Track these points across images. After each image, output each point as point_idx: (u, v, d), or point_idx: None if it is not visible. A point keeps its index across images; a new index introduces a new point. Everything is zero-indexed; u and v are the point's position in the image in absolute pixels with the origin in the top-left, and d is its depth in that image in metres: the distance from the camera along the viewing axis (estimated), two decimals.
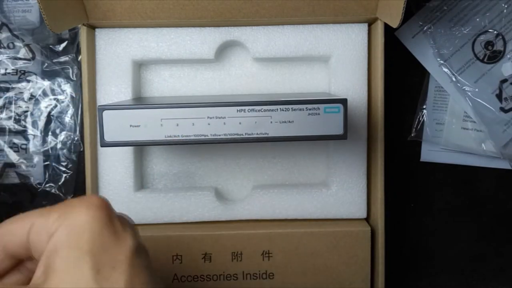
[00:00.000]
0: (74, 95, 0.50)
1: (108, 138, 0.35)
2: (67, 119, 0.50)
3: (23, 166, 0.50)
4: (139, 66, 0.47)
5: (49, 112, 0.50)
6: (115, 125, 0.35)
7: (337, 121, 0.35)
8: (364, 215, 0.46)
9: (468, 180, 0.51)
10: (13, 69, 0.49)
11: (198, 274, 0.44)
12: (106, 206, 0.24)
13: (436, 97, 0.50)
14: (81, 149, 0.50)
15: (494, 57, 0.49)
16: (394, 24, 0.39)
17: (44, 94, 0.50)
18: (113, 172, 0.45)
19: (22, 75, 0.50)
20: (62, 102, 0.50)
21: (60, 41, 0.49)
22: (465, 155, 0.50)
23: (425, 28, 0.49)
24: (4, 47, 0.49)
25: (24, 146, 0.50)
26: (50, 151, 0.50)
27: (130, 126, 0.35)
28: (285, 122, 0.35)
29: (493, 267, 0.52)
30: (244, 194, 0.48)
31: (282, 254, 0.44)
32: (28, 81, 0.50)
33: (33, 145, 0.50)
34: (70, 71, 0.50)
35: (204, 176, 0.48)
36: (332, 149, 0.46)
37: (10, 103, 0.50)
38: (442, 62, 0.49)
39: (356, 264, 0.44)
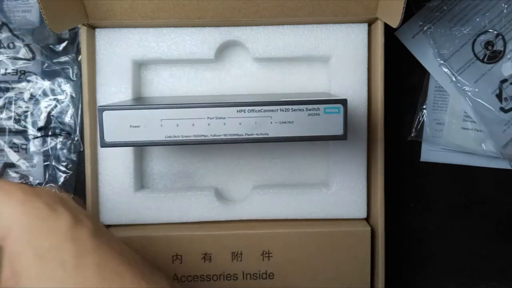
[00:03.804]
0: (74, 95, 0.50)
1: (108, 138, 0.35)
2: (67, 119, 0.50)
3: (23, 166, 0.50)
4: (139, 66, 0.47)
5: (49, 112, 0.50)
6: (115, 126, 0.35)
7: (337, 122, 0.35)
8: (364, 215, 0.47)
9: (468, 180, 0.51)
10: (13, 69, 0.49)
11: (198, 274, 0.44)
12: (25, 195, 0.25)
13: (436, 97, 0.50)
14: (81, 149, 0.50)
15: (494, 57, 0.49)
16: (394, 24, 0.39)
17: (44, 94, 0.50)
18: (113, 172, 0.45)
19: (22, 75, 0.50)
20: (62, 102, 0.50)
21: (60, 41, 0.49)
22: (465, 155, 0.50)
23: (425, 28, 0.49)
24: (4, 47, 0.49)
25: (24, 146, 0.50)
26: (50, 151, 0.50)
27: (130, 126, 0.35)
28: (285, 122, 0.35)
29: (493, 267, 0.52)
30: (244, 194, 0.48)
31: (282, 254, 0.44)
32: (28, 81, 0.50)
33: (33, 145, 0.50)
34: (70, 71, 0.50)
35: (204, 176, 0.48)
36: (332, 149, 0.46)
37: (10, 103, 0.50)
38: (442, 62, 0.49)
39: (356, 264, 0.44)
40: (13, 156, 0.50)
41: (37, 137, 0.48)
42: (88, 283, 0.24)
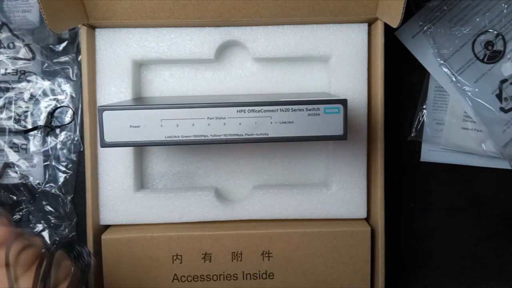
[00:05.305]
0: (74, 95, 0.50)
1: (108, 138, 0.35)
2: (67, 119, 0.50)
3: (23, 166, 0.50)
4: (139, 66, 0.47)
5: (49, 112, 0.50)
6: (115, 126, 0.35)
7: (337, 122, 0.35)
8: (364, 215, 0.47)
9: (468, 180, 0.51)
10: (13, 69, 0.49)
11: (198, 274, 0.44)
12: None
13: (436, 97, 0.50)
14: (81, 149, 0.50)
15: (494, 57, 0.49)
16: (394, 24, 0.39)
17: (44, 94, 0.50)
18: (113, 172, 0.45)
19: (22, 75, 0.50)
20: (62, 102, 0.50)
21: (60, 41, 0.49)
22: (465, 155, 0.50)
23: (425, 28, 0.49)
24: (4, 47, 0.49)
25: (24, 146, 0.50)
26: (50, 151, 0.50)
27: (130, 126, 0.35)
28: (285, 122, 0.35)
29: (493, 267, 0.52)
30: (244, 194, 0.48)
31: (282, 254, 0.44)
32: (28, 81, 0.50)
33: (33, 145, 0.50)
34: (70, 71, 0.50)
35: (204, 176, 0.48)
36: (332, 149, 0.46)
37: (10, 103, 0.50)
38: (442, 62, 0.49)
39: (356, 264, 0.44)
40: (13, 156, 0.50)
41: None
42: None
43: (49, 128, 0.49)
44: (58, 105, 0.50)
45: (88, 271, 0.32)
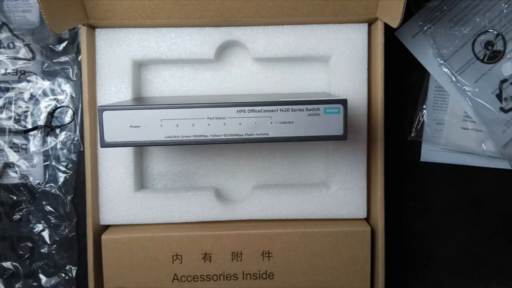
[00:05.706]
0: (74, 95, 0.50)
1: (108, 138, 0.35)
2: (67, 119, 0.50)
3: (23, 166, 0.50)
4: (139, 66, 0.47)
5: (49, 112, 0.50)
6: (115, 126, 0.35)
7: (337, 122, 0.35)
8: (364, 215, 0.47)
9: (468, 180, 0.51)
10: (13, 69, 0.49)
11: (198, 274, 0.44)
12: None
13: (436, 97, 0.50)
14: (81, 149, 0.50)
15: (494, 57, 0.49)
16: (394, 24, 0.39)
17: (44, 94, 0.50)
18: (113, 172, 0.46)
19: (22, 75, 0.50)
20: (62, 102, 0.50)
21: (60, 41, 0.49)
22: (465, 155, 0.50)
23: (425, 28, 0.49)
24: (4, 47, 0.49)
25: (24, 146, 0.50)
26: (50, 151, 0.50)
27: (130, 126, 0.35)
28: (285, 122, 0.35)
29: (493, 267, 0.52)
30: (244, 194, 0.48)
31: (282, 254, 0.44)
32: (28, 81, 0.50)
33: (33, 145, 0.50)
34: (70, 71, 0.50)
35: (204, 176, 0.48)
36: (332, 149, 0.46)
37: (10, 103, 0.50)
38: (442, 62, 0.49)
39: (356, 264, 0.44)
40: (13, 156, 0.50)
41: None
42: None
43: (49, 128, 0.49)
44: (58, 105, 0.50)
45: None
